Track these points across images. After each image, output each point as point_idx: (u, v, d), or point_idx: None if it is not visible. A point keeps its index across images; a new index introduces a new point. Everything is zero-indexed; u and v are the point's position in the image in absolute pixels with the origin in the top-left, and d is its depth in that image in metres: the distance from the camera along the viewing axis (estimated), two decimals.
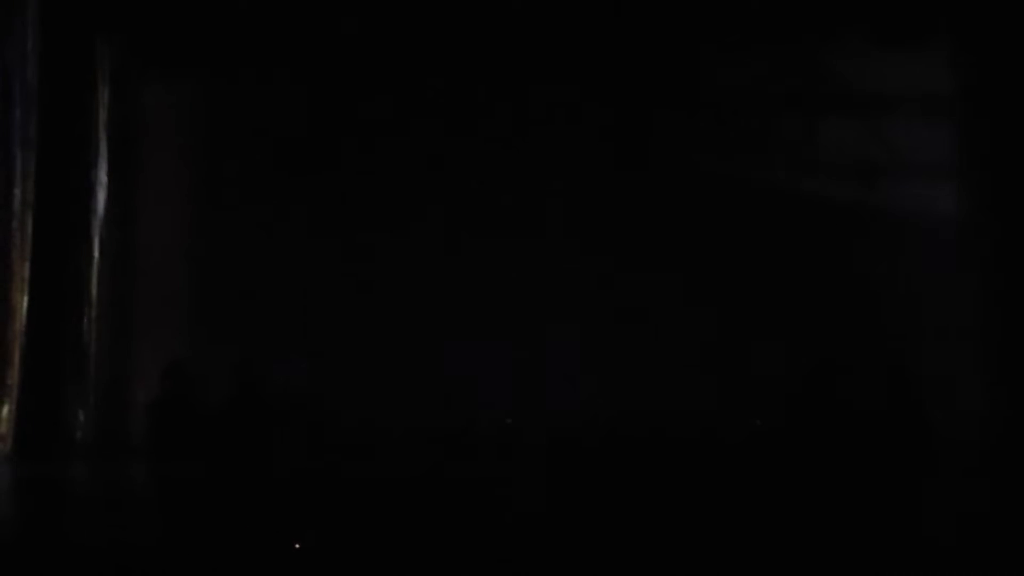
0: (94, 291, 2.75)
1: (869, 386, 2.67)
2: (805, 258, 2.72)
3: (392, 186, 2.81)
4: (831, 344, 2.70)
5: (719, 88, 2.74)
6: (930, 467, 2.59)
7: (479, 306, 2.74)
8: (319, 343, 2.69)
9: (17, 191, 2.82)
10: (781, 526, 2.13)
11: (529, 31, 2.76)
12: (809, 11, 2.72)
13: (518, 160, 2.83)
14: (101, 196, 2.81)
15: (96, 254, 2.78)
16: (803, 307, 2.71)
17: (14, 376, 2.75)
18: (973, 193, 2.80)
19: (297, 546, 1.91)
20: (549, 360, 2.72)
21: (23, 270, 2.79)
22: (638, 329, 2.74)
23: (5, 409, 2.74)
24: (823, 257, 2.73)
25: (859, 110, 2.74)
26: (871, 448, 2.61)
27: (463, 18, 2.79)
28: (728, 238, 2.73)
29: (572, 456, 2.61)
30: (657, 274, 2.74)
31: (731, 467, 2.55)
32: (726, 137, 2.75)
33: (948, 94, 2.78)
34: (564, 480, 2.48)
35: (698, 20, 2.70)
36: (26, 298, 2.77)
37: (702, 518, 2.17)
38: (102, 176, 2.82)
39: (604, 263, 2.77)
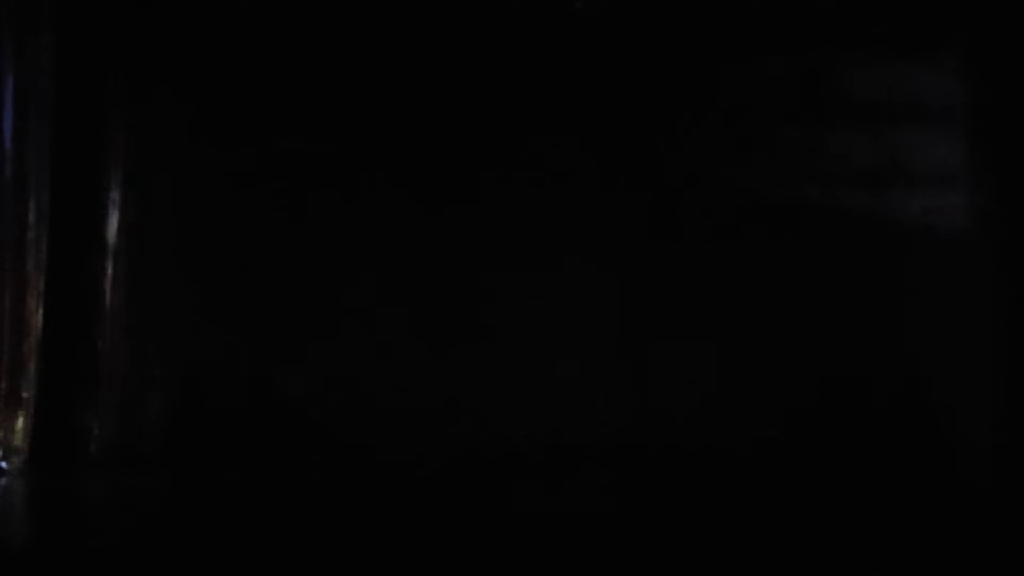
0: (108, 303, 2.74)
1: (883, 397, 2.67)
2: (817, 269, 2.70)
3: (404, 192, 2.78)
4: (844, 356, 2.68)
5: (727, 99, 2.72)
6: (946, 477, 2.58)
7: (490, 312, 2.72)
8: (333, 353, 2.67)
9: (32, 203, 2.80)
10: (796, 536, 2.13)
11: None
12: (817, 21, 2.71)
13: (529, 175, 2.81)
14: (115, 208, 2.80)
15: (111, 267, 2.77)
16: (816, 319, 2.70)
17: (30, 388, 2.73)
18: (985, 203, 2.78)
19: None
20: (561, 371, 2.70)
21: (39, 282, 2.76)
22: (647, 339, 2.72)
23: (20, 421, 2.71)
24: (835, 268, 2.71)
25: (868, 120, 2.73)
26: (886, 458, 2.61)
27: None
28: (738, 250, 2.71)
29: (584, 468, 2.60)
30: (667, 286, 2.72)
31: (745, 478, 2.55)
32: (734, 148, 2.74)
33: (960, 103, 2.76)
34: (577, 492, 2.47)
35: (705, 31, 2.70)
36: (41, 310, 2.77)
37: (714, 529, 2.17)
38: (117, 187, 2.80)
39: (616, 276, 2.75)
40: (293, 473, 2.52)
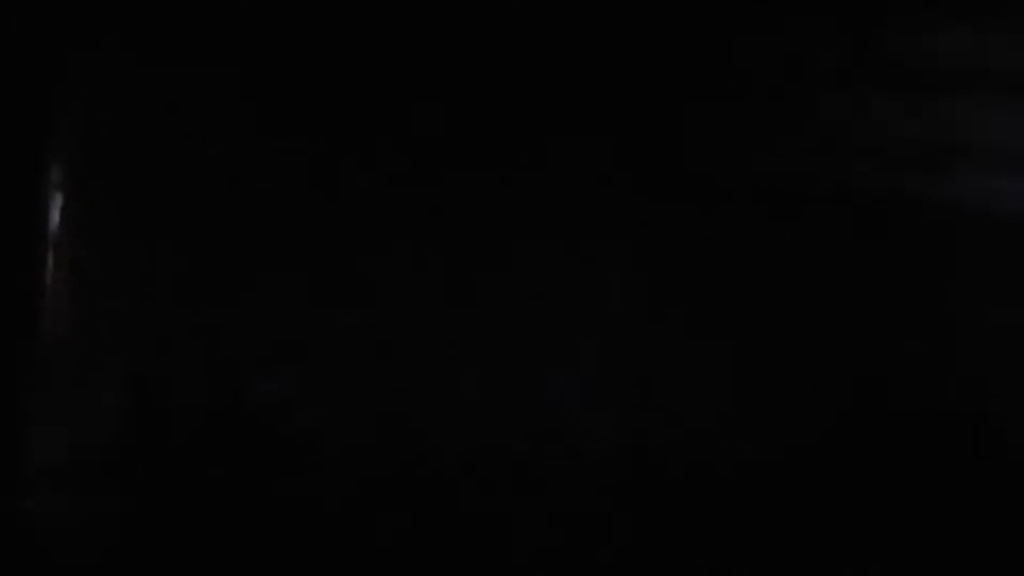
0: (51, 299, 2.59)
1: (931, 400, 2.46)
2: (862, 255, 2.48)
3: (391, 182, 2.59)
4: (886, 353, 2.47)
5: (764, 70, 2.50)
6: (1005, 488, 2.39)
7: (485, 314, 2.52)
8: (312, 352, 2.46)
9: None
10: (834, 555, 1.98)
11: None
12: None
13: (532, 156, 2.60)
14: (59, 198, 2.69)
15: (62, 269, 2.63)
16: (855, 311, 2.47)
17: None
18: None
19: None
20: (564, 375, 2.50)
21: None
22: (664, 338, 2.51)
23: None
24: (883, 254, 2.49)
25: (924, 91, 2.51)
26: (934, 467, 2.40)
27: None
28: (771, 235, 2.48)
29: (596, 483, 2.42)
30: (688, 276, 2.51)
31: (770, 493, 2.36)
32: (772, 125, 2.52)
33: None
34: (588, 509, 2.31)
35: None
36: None
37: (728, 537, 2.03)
38: (60, 184, 2.68)
39: (628, 271, 2.54)
40: (263, 482, 2.35)
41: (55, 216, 2.55)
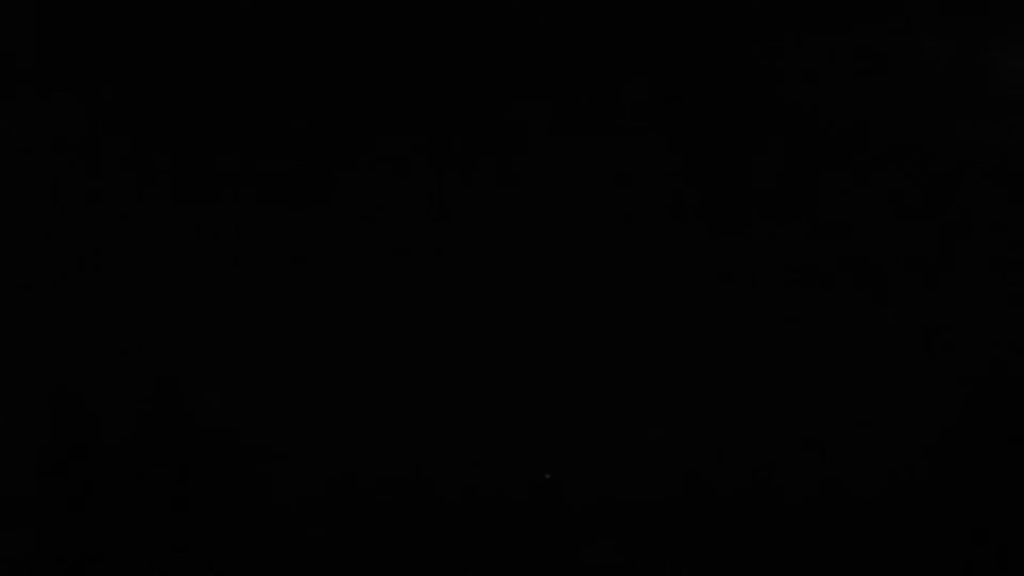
0: None
1: None
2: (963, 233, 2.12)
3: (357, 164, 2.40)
4: (996, 357, 2.11)
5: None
6: None
7: (470, 317, 2.28)
8: (248, 365, 2.23)
9: None
10: None
11: None
12: None
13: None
14: None
15: None
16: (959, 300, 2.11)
17: None
18: None
19: None
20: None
21: None
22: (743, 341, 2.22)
23: None
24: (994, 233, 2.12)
25: None
26: None
27: None
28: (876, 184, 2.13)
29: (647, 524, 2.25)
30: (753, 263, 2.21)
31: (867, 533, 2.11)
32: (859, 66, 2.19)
33: None
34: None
35: None
36: None
37: None
38: None
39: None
40: (204, 490, 2.13)
41: None
